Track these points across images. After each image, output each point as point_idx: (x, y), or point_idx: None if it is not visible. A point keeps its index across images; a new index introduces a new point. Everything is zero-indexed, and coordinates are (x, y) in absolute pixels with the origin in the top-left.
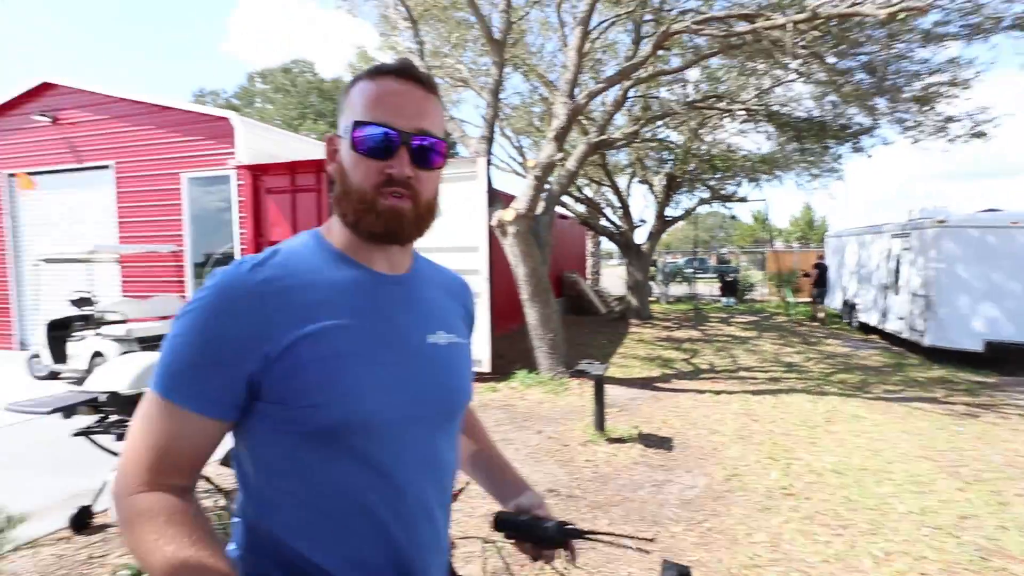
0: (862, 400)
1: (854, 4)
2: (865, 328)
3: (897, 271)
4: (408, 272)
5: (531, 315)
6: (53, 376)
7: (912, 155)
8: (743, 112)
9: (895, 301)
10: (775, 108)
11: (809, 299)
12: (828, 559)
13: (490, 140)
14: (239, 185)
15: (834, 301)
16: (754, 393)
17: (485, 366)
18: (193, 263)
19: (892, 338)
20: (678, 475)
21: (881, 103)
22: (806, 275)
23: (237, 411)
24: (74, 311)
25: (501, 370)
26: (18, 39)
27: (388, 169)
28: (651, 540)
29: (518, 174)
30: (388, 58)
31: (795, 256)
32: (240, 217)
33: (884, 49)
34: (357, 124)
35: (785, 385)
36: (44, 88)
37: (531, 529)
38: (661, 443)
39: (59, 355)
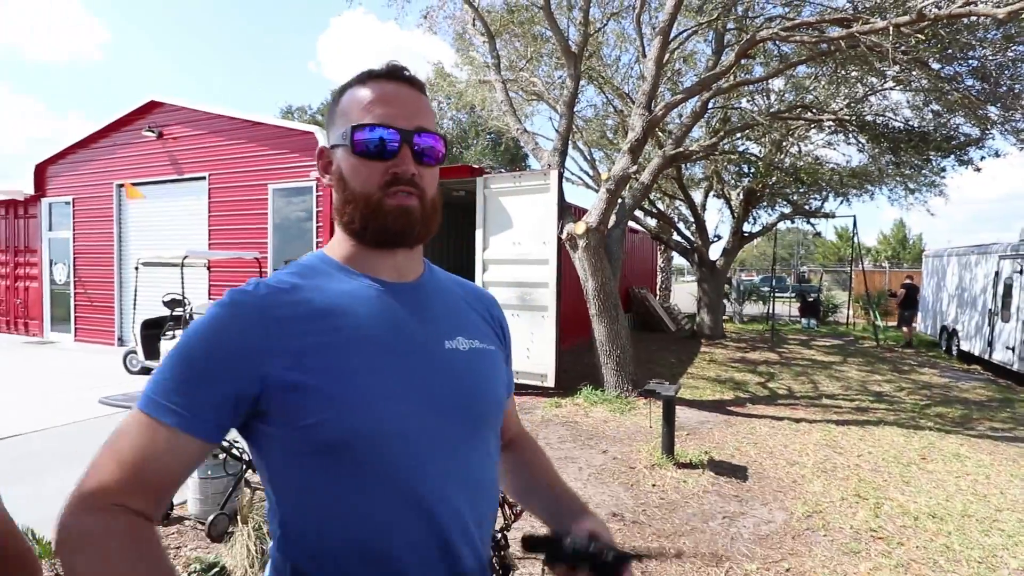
0: (963, 437)
1: (968, 3)
2: (966, 357)
3: (1007, 296)
4: (419, 280)
5: (599, 331)
6: (146, 372)
7: (1021, 168)
8: (832, 123)
9: (1003, 329)
10: (869, 118)
11: (896, 323)
12: None
13: (564, 153)
14: (319, 196)
15: (930, 327)
16: (838, 423)
17: (550, 381)
18: (274, 270)
19: (998, 369)
20: (753, 508)
21: (993, 111)
22: (892, 295)
23: (221, 433)
24: (166, 312)
25: (566, 385)
26: (131, 56)
27: (393, 169)
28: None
29: (589, 187)
30: (465, 74)
31: (886, 276)
32: (318, 227)
33: (999, 52)
34: (357, 128)
35: (873, 416)
36: (151, 106)
37: (579, 552)
38: (734, 471)
39: (152, 352)
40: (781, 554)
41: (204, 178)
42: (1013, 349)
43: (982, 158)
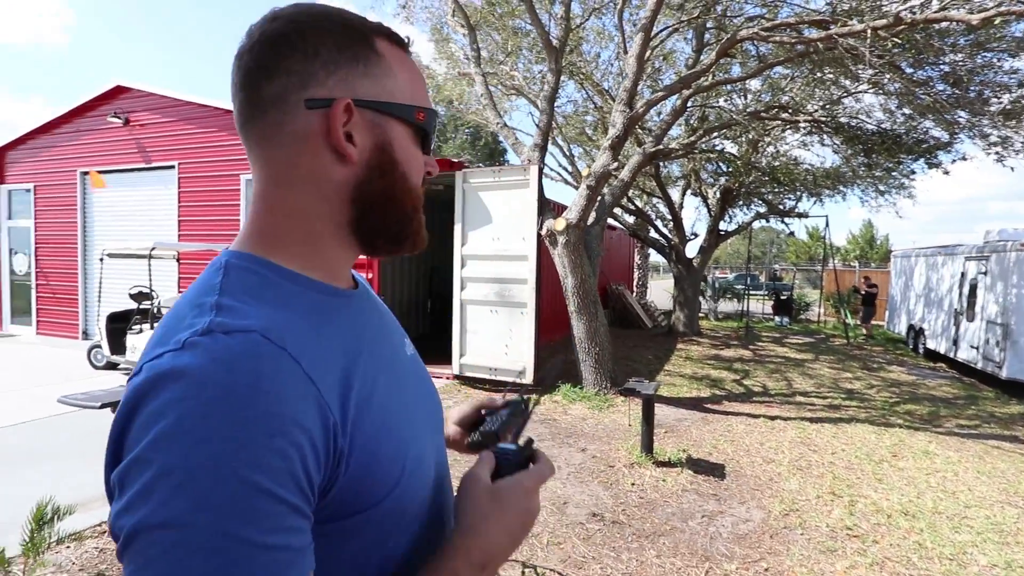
0: (932, 434)
1: (943, 8)
2: (932, 355)
3: (971, 296)
4: (358, 283)
5: (578, 328)
6: (112, 366)
7: (980, 172)
8: (807, 124)
9: (968, 328)
10: (843, 120)
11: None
12: None
13: (544, 148)
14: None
15: (898, 325)
16: (812, 420)
17: (528, 377)
18: None
19: (963, 368)
20: (731, 506)
21: (962, 116)
22: (857, 291)
23: None
24: (133, 305)
25: (544, 382)
26: (97, 41)
27: (430, 167)
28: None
29: (568, 183)
30: (443, 67)
31: (856, 275)
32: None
33: (969, 58)
34: (423, 109)
35: (846, 413)
36: (117, 91)
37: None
38: (712, 470)
39: (117, 347)
40: (760, 553)
41: (173, 167)
42: (977, 348)
43: (952, 161)
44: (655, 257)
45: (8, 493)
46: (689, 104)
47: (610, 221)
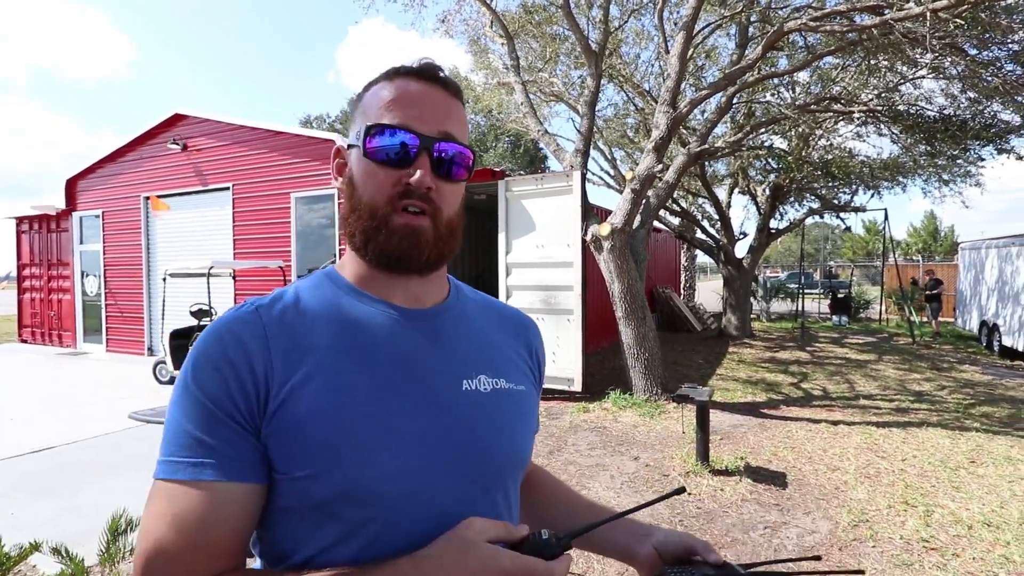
0: (1014, 438)
1: None
2: (1009, 353)
3: None
4: (439, 305)
5: (626, 334)
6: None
7: None
8: (862, 114)
9: None
10: (901, 108)
11: (927, 317)
12: None
13: (586, 153)
14: (341, 203)
15: (969, 322)
16: (878, 425)
17: (577, 385)
18: (298, 277)
19: None
20: (795, 517)
21: None
22: (915, 283)
23: (267, 472)
24: (194, 322)
25: (593, 389)
26: (158, 73)
27: (406, 178)
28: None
29: (611, 187)
30: (481, 78)
31: (919, 270)
32: (340, 234)
33: None
34: (371, 128)
35: (915, 417)
36: (176, 119)
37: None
38: (773, 478)
39: (180, 362)
40: (828, 567)
41: (228, 188)
42: None
43: None
44: (703, 258)
45: (84, 504)
46: (735, 101)
47: (655, 223)
